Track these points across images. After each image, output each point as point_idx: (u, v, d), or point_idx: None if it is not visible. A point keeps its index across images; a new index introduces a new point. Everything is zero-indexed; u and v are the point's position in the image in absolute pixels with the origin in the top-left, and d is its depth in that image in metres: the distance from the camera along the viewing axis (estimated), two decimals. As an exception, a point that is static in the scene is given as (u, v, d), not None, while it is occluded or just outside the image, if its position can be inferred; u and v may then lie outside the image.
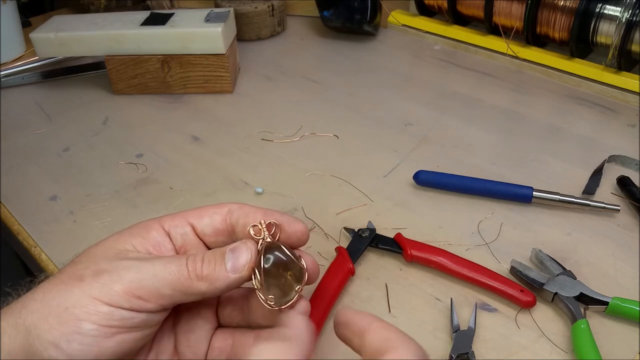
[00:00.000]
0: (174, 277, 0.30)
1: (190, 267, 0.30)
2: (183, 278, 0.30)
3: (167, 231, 0.34)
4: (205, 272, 0.30)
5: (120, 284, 0.29)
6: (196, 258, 0.31)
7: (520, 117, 0.67)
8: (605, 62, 0.70)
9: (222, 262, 0.31)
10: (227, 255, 0.31)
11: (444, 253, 0.46)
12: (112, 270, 0.29)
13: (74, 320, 0.28)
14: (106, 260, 0.30)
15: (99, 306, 0.28)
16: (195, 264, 0.31)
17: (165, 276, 0.30)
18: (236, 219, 0.34)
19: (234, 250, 0.31)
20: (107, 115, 0.70)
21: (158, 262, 0.30)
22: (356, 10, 0.82)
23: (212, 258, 0.31)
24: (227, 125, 0.67)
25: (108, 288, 0.29)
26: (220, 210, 0.34)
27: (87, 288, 0.29)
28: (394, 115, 0.68)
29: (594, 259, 0.47)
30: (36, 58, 0.79)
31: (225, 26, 0.69)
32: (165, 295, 0.30)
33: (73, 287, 0.29)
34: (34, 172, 0.60)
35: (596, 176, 0.55)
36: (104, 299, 0.28)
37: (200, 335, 0.34)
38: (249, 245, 0.32)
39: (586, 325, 0.40)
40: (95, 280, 0.29)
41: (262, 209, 0.34)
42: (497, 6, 0.76)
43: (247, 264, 0.31)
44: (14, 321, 0.28)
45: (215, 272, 0.31)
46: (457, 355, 0.39)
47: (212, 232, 0.34)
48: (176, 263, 0.30)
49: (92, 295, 0.28)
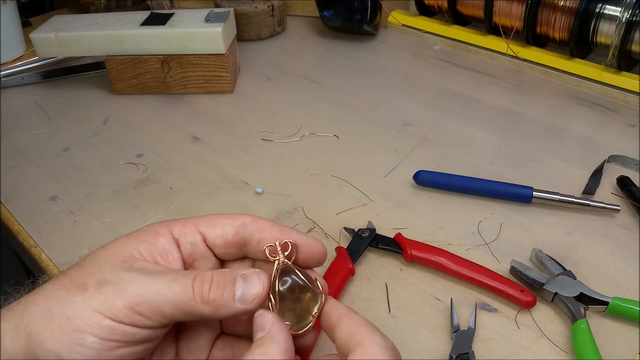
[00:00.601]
0: (177, 297, 0.29)
1: (197, 289, 0.29)
2: (186, 299, 0.29)
3: (176, 238, 0.32)
4: (212, 296, 0.29)
5: (123, 298, 0.28)
6: (204, 279, 0.30)
7: (520, 117, 0.67)
8: (605, 62, 0.70)
9: (231, 288, 0.30)
10: (238, 283, 0.30)
11: (444, 253, 0.46)
12: (115, 282, 0.29)
13: (75, 332, 0.27)
14: (111, 268, 0.30)
15: (101, 320, 0.28)
16: (202, 285, 0.29)
17: (168, 295, 0.29)
18: (250, 234, 0.32)
19: (246, 279, 0.30)
20: (107, 115, 0.70)
21: (162, 279, 0.29)
22: (356, 10, 0.82)
23: (221, 282, 0.30)
24: (227, 125, 0.67)
25: (110, 302, 0.28)
26: (233, 222, 0.33)
27: (89, 299, 0.28)
28: (394, 115, 0.68)
29: (594, 259, 0.47)
30: (36, 58, 0.79)
31: (225, 26, 0.69)
32: (166, 313, 0.29)
33: (75, 296, 0.28)
34: (34, 172, 0.60)
35: (596, 176, 0.55)
36: (106, 312, 0.28)
37: (202, 342, 0.34)
38: (261, 277, 0.30)
39: (586, 325, 0.40)
40: (98, 291, 0.28)
41: (277, 225, 0.33)
42: (497, 6, 0.76)
43: (257, 296, 0.30)
44: (15, 324, 0.28)
45: (223, 299, 0.29)
46: (457, 355, 0.39)
47: (223, 243, 0.33)
48: (181, 283, 0.29)
49: (94, 308, 0.28)
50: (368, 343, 0.27)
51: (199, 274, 0.30)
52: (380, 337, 0.28)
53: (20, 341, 0.28)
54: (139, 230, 0.33)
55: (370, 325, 0.29)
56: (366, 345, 0.27)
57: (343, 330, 0.29)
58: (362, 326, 0.28)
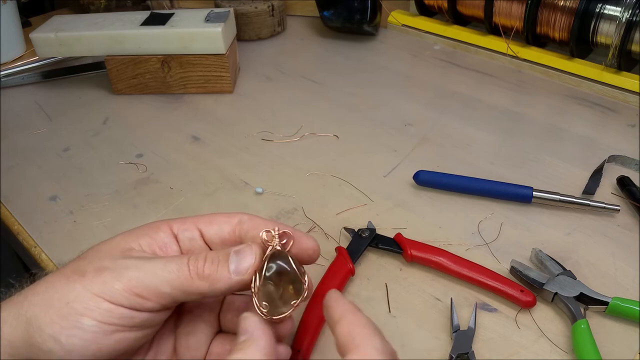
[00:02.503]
0: (173, 275, 0.30)
1: (192, 266, 0.30)
2: (183, 277, 0.30)
3: (175, 234, 0.34)
4: (207, 271, 0.30)
5: (121, 281, 0.29)
6: (199, 257, 0.31)
7: (520, 117, 0.67)
8: (605, 62, 0.70)
9: (225, 263, 0.31)
10: (231, 257, 0.31)
11: (444, 253, 0.46)
12: (113, 268, 0.30)
13: (74, 315, 0.28)
14: (110, 258, 0.31)
15: (100, 303, 0.28)
16: (197, 262, 0.30)
17: (165, 275, 0.30)
18: (246, 231, 0.33)
19: (238, 252, 0.31)
20: (107, 115, 0.70)
21: (159, 261, 0.30)
22: (356, 10, 0.82)
23: (215, 258, 0.31)
24: (227, 125, 0.67)
25: (110, 286, 0.29)
26: (230, 220, 0.34)
27: (88, 284, 0.29)
28: (394, 115, 0.68)
29: (594, 259, 0.47)
30: (36, 58, 0.79)
31: (225, 26, 0.69)
32: (165, 293, 0.29)
33: (75, 282, 0.29)
34: (34, 172, 0.60)
35: (596, 176, 0.55)
36: (105, 296, 0.28)
37: (200, 338, 0.34)
38: (253, 248, 0.32)
39: (586, 325, 0.40)
40: (96, 276, 0.29)
41: (273, 222, 0.34)
42: (497, 6, 0.76)
43: (250, 267, 0.31)
44: (15, 312, 0.29)
45: (218, 273, 0.30)
46: (457, 355, 0.39)
47: (219, 240, 0.34)
48: (177, 262, 0.30)
49: (93, 292, 0.28)
50: (366, 346, 0.27)
51: (193, 255, 0.31)
52: (379, 340, 0.28)
53: (19, 328, 0.28)
54: (140, 227, 0.34)
55: (371, 327, 0.28)
56: (364, 349, 0.27)
57: (344, 329, 0.29)
58: (363, 327, 0.28)
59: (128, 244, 0.32)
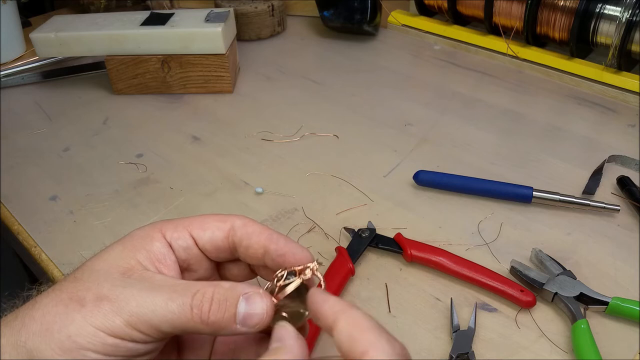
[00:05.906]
0: (174, 317, 0.28)
1: (196, 310, 0.28)
2: (185, 319, 0.28)
3: (168, 242, 0.32)
4: (212, 318, 0.28)
5: (121, 316, 0.28)
6: (204, 298, 0.28)
7: (520, 117, 0.67)
8: (605, 62, 0.70)
9: (233, 310, 0.29)
10: (240, 304, 0.29)
11: (444, 253, 0.46)
12: (113, 298, 0.28)
13: (78, 350, 0.27)
14: (109, 282, 0.29)
15: (104, 338, 0.27)
16: (202, 306, 0.28)
17: (166, 314, 0.28)
18: (239, 240, 0.32)
19: (248, 300, 0.29)
20: (107, 115, 0.70)
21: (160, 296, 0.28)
22: (356, 10, 0.82)
23: (222, 302, 0.29)
24: (227, 125, 0.67)
25: (110, 320, 0.28)
26: (223, 225, 0.32)
27: (88, 315, 0.28)
28: (394, 115, 0.68)
29: (594, 259, 0.47)
30: (36, 58, 0.79)
31: (225, 26, 0.69)
32: (164, 331, 0.29)
33: (74, 312, 0.28)
34: (34, 172, 0.60)
35: (596, 176, 0.55)
36: (107, 330, 0.28)
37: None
38: (264, 299, 0.29)
39: (586, 325, 0.40)
40: (96, 308, 0.28)
41: (267, 231, 0.32)
42: (497, 6, 0.76)
43: (260, 322, 0.29)
44: (14, 340, 0.28)
45: (224, 321, 0.28)
46: (457, 355, 0.39)
47: (213, 249, 0.33)
48: (179, 302, 0.28)
49: (94, 325, 0.28)
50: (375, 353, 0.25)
51: (199, 291, 0.29)
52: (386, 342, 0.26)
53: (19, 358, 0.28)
54: (132, 236, 0.32)
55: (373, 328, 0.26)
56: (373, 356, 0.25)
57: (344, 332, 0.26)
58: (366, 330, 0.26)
59: (127, 262, 0.30)
